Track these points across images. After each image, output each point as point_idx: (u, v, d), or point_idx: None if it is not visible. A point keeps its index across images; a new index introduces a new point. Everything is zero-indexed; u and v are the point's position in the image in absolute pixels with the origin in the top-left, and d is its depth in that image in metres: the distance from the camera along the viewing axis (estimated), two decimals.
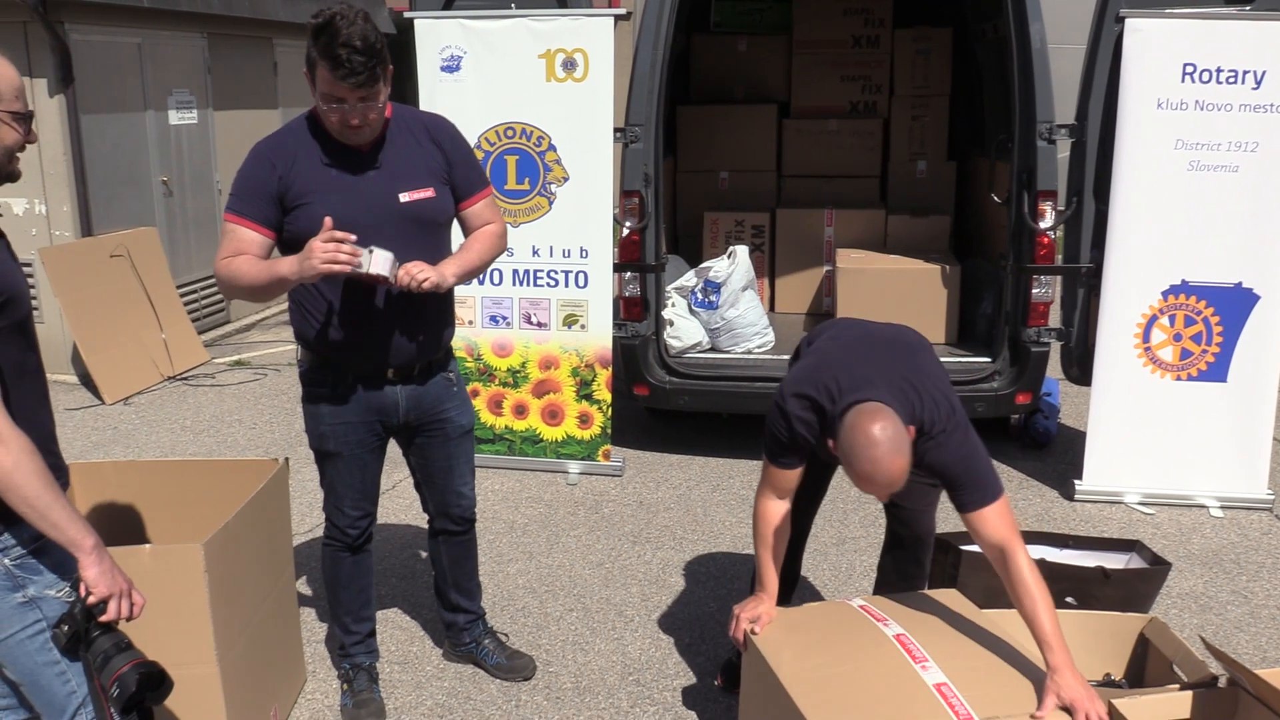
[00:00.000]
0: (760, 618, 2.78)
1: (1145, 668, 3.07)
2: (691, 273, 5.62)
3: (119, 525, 3.04)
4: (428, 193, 2.89)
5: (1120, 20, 4.56)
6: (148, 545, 2.57)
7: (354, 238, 2.62)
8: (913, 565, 3.35)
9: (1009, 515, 2.64)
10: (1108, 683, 3.09)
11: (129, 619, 2.00)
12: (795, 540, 3.14)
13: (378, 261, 2.67)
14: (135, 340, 6.82)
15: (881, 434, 2.44)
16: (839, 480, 5.20)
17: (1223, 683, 2.75)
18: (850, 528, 4.57)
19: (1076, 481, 4.89)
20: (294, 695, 3.30)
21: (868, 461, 2.45)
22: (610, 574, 4.17)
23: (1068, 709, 2.41)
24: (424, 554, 4.27)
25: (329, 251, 2.58)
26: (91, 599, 1.95)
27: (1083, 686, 2.44)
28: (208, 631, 2.58)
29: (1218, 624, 3.78)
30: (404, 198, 2.85)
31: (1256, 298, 4.66)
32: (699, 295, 5.49)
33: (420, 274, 2.74)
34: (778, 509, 2.86)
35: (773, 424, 2.82)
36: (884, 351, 2.83)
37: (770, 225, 6.53)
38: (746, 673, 2.85)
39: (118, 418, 6.19)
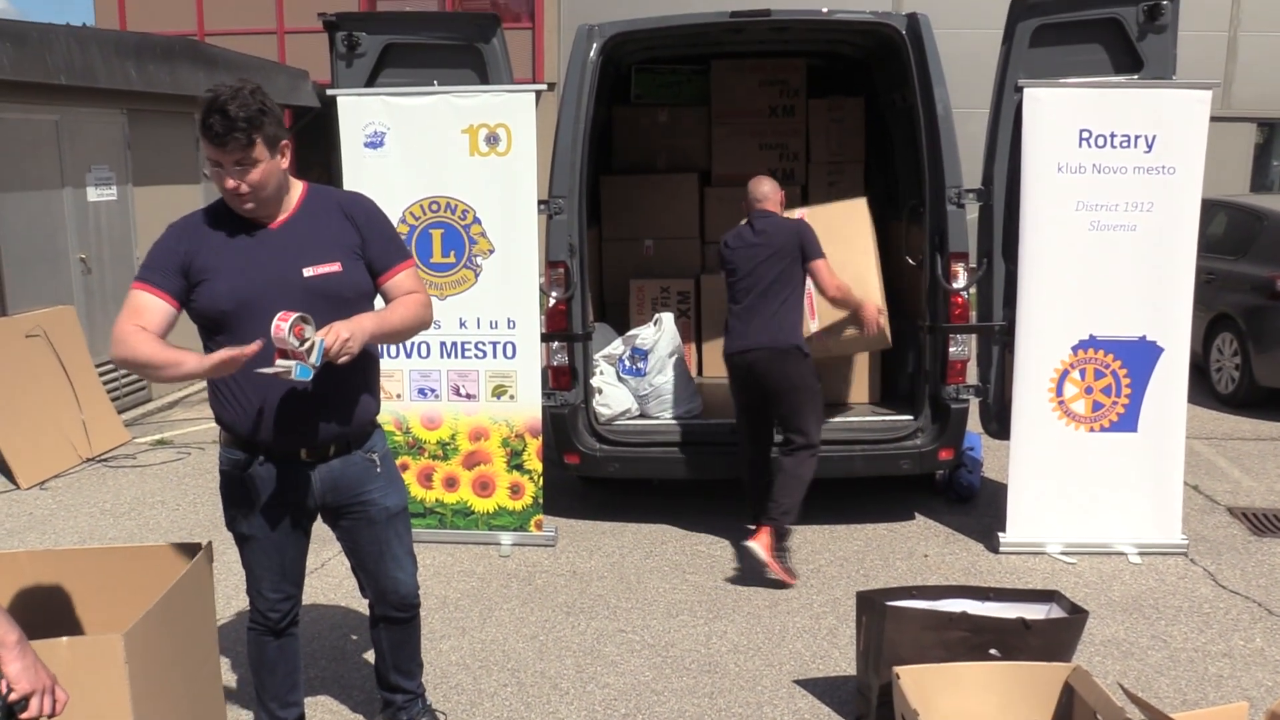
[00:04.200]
0: None
1: (1071, 716, 3.14)
2: (619, 340, 5.68)
3: (37, 616, 2.94)
4: (333, 267, 2.86)
5: (1019, 89, 4.79)
6: (65, 638, 2.49)
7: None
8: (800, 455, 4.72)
9: None
10: None
11: (51, 716, 1.96)
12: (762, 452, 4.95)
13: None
14: (52, 421, 6.65)
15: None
16: None
17: None
18: (782, 590, 4.61)
19: (1001, 534, 5.01)
20: None
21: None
22: (544, 646, 4.14)
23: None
24: (354, 636, 4.20)
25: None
26: (13, 695, 1.91)
27: None
28: None
29: (1139, 669, 3.88)
30: (308, 272, 2.83)
31: (1160, 350, 4.86)
32: (627, 363, 5.54)
33: (342, 346, 2.67)
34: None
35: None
36: None
37: (695, 291, 6.64)
38: None
39: (34, 503, 6.01)
